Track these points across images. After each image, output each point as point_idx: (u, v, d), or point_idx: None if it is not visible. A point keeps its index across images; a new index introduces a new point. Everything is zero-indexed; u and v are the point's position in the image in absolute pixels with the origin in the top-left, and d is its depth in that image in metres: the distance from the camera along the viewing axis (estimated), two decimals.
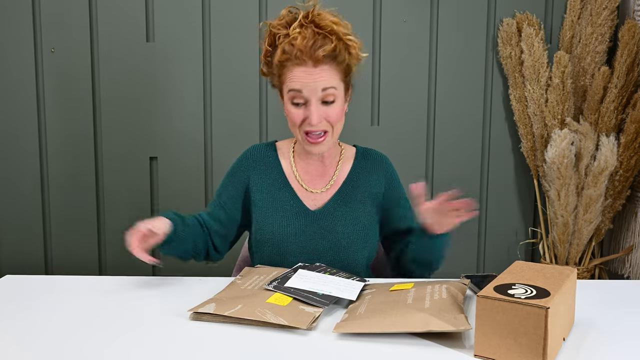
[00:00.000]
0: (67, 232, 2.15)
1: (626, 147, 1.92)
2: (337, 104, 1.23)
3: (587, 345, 0.88)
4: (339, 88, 1.22)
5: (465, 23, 2.11)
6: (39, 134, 2.10)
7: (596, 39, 1.98)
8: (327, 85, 1.20)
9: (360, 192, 1.33)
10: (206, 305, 0.98)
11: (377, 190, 1.34)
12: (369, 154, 1.38)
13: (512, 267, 0.94)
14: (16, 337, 0.90)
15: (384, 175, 1.35)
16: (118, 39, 2.06)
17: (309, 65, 1.19)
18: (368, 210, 1.32)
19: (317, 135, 1.23)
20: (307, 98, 1.20)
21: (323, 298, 1.01)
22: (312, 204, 1.32)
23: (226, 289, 1.08)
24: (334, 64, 1.20)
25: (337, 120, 1.24)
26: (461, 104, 2.15)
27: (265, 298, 1.00)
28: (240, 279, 1.12)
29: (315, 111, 1.20)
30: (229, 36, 2.08)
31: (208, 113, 2.12)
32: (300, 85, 1.20)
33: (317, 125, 1.21)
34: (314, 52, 1.17)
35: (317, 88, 1.19)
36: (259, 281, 1.10)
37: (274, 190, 1.32)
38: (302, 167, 1.35)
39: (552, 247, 2.07)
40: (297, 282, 1.07)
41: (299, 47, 1.17)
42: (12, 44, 2.06)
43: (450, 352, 0.85)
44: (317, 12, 1.20)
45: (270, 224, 1.30)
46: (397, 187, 1.37)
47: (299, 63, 1.19)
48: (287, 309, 0.95)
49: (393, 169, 1.39)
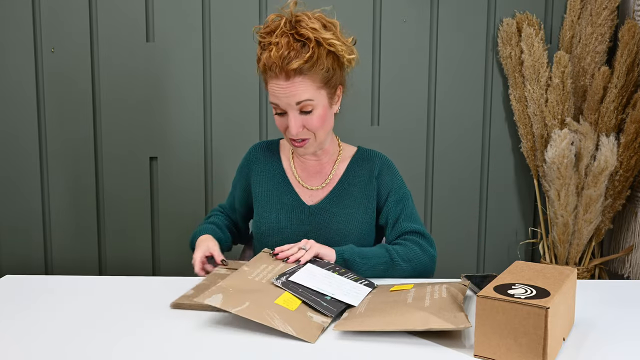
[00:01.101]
0: (67, 232, 2.15)
1: (626, 147, 1.92)
2: (317, 112, 1.22)
3: (587, 345, 0.88)
4: (316, 98, 1.21)
5: (465, 23, 2.11)
6: (39, 134, 2.10)
7: (596, 39, 1.98)
8: (301, 99, 1.19)
9: (355, 190, 1.34)
10: (213, 295, 0.96)
11: (370, 187, 1.34)
12: (367, 154, 1.39)
13: (512, 267, 0.95)
14: (16, 337, 0.90)
15: (378, 171, 1.35)
16: (118, 39, 2.06)
17: (281, 79, 1.19)
18: (363, 208, 1.33)
19: (298, 141, 1.25)
20: (284, 109, 1.22)
21: (330, 304, 1.00)
22: (309, 200, 1.35)
23: (234, 277, 1.05)
24: (308, 75, 1.19)
25: (318, 127, 1.23)
26: (461, 104, 2.15)
27: (273, 297, 0.98)
28: (247, 267, 1.10)
29: (293, 122, 1.21)
30: (229, 36, 2.08)
31: (208, 113, 2.12)
32: (275, 98, 1.21)
33: (296, 135, 1.23)
34: (286, 65, 1.17)
35: (291, 102, 1.20)
36: (267, 272, 1.09)
37: (273, 185, 1.36)
38: (300, 164, 1.38)
39: (552, 247, 2.07)
40: (304, 278, 1.07)
41: (273, 59, 1.17)
42: (12, 44, 2.06)
43: (450, 352, 0.85)
44: (297, 19, 1.19)
45: (267, 217, 1.34)
46: (387, 182, 1.35)
47: (273, 76, 1.20)
48: (295, 316, 0.94)
49: (387, 164, 1.37)
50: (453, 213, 2.19)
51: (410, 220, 1.33)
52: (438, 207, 2.19)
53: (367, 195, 1.34)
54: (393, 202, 1.34)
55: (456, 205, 2.19)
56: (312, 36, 1.18)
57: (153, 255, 2.17)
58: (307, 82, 1.19)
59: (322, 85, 1.22)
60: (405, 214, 1.33)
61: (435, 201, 2.19)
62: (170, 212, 2.14)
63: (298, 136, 1.24)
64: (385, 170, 1.36)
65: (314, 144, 1.27)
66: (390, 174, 1.36)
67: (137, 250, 2.16)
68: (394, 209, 1.33)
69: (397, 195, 1.34)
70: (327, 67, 1.21)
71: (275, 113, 1.25)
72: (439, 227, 2.20)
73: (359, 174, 1.35)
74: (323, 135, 1.27)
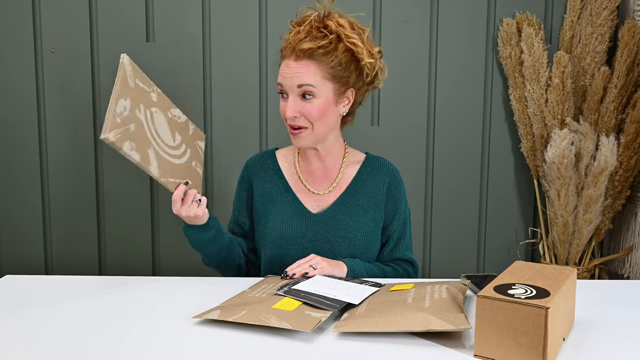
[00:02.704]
0: (67, 232, 2.15)
1: (626, 147, 1.92)
2: (317, 102, 1.21)
3: (587, 345, 0.88)
4: (319, 87, 1.20)
5: (465, 23, 2.11)
6: (39, 134, 2.10)
7: (596, 39, 1.98)
8: (303, 82, 1.20)
9: (363, 198, 1.32)
10: (211, 312, 0.97)
11: (379, 198, 1.33)
12: (378, 162, 1.38)
13: (512, 267, 0.95)
14: (16, 337, 0.90)
15: (387, 184, 1.35)
16: (118, 39, 2.06)
17: (291, 59, 1.21)
18: (371, 217, 1.32)
19: (294, 129, 1.24)
20: (286, 91, 1.22)
21: (332, 302, 1.00)
22: (315, 206, 1.32)
23: (234, 297, 1.06)
24: (318, 61, 1.20)
25: (316, 117, 1.22)
26: (461, 104, 2.15)
27: (271, 304, 0.98)
28: (250, 289, 1.11)
29: (291, 105, 1.21)
30: (229, 36, 2.08)
31: (208, 113, 2.12)
32: (281, 78, 1.22)
33: (293, 120, 1.22)
34: (298, 45, 1.19)
35: (293, 84, 1.20)
36: (269, 289, 1.09)
37: (275, 195, 1.34)
38: (305, 167, 1.36)
39: (552, 247, 2.07)
40: (307, 285, 1.07)
41: (289, 40, 1.21)
42: (12, 44, 2.06)
43: (450, 352, 0.85)
44: (328, 13, 1.22)
45: (271, 228, 1.31)
46: (396, 199, 1.36)
47: (284, 55, 1.22)
48: (292, 314, 0.94)
49: (399, 182, 1.37)
50: (453, 213, 2.19)
51: (407, 248, 1.38)
52: (438, 207, 2.19)
53: (376, 206, 1.33)
54: (399, 223, 1.36)
55: (456, 205, 2.19)
56: (335, 29, 1.20)
57: (153, 255, 2.17)
58: (314, 68, 1.20)
59: (330, 78, 1.21)
60: (405, 240, 1.37)
61: (435, 201, 2.19)
62: (170, 212, 2.14)
63: (294, 122, 1.22)
64: (395, 186, 1.36)
65: (310, 136, 1.25)
66: (399, 191, 1.37)
67: (137, 250, 2.16)
68: (397, 231, 1.36)
69: (403, 216, 1.37)
70: (340, 61, 1.21)
71: (280, 94, 1.25)
72: (439, 227, 2.20)
73: (368, 182, 1.34)
74: (321, 130, 1.25)
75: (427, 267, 2.22)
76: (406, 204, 1.38)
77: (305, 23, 1.21)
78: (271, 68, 2.08)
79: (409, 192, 2.16)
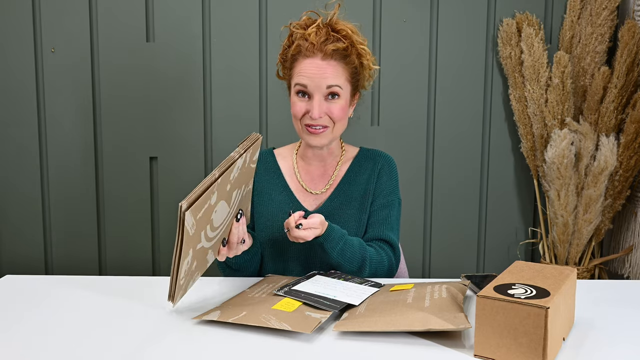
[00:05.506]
0: (67, 232, 2.15)
1: (626, 147, 1.92)
2: (341, 101, 1.25)
3: (587, 345, 0.88)
4: (344, 87, 1.25)
5: (465, 23, 2.11)
6: (38, 134, 2.10)
7: (596, 39, 1.98)
8: (332, 83, 1.23)
9: (355, 190, 1.34)
10: (211, 312, 0.98)
11: (370, 186, 1.34)
12: (370, 153, 1.39)
13: (512, 267, 0.95)
14: (16, 337, 0.90)
15: (379, 169, 1.36)
16: (118, 38, 2.06)
17: (318, 57, 1.22)
18: (362, 208, 1.33)
19: (316, 128, 1.26)
20: (312, 92, 1.23)
21: (332, 302, 1.00)
22: (312, 204, 1.34)
23: (234, 298, 1.07)
24: (342, 63, 1.24)
25: (339, 117, 1.26)
26: (461, 104, 2.15)
27: (271, 304, 0.98)
28: (250, 289, 1.11)
29: (318, 105, 1.23)
30: (229, 36, 2.08)
31: (208, 113, 2.12)
32: (307, 78, 1.23)
33: (317, 120, 1.24)
34: (325, 46, 1.21)
35: (322, 83, 1.23)
36: (269, 289, 1.10)
37: (273, 193, 1.35)
38: (303, 167, 1.38)
39: (552, 247, 2.07)
40: (307, 286, 1.07)
41: (312, 40, 1.22)
42: (12, 44, 2.06)
43: (450, 352, 0.85)
44: (334, 19, 1.25)
45: (269, 226, 1.33)
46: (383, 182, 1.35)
47: (308, 55, 1.23)
48: (292, 315, 0.94)
49: (392, 168, 1.38)
50: (453, 213, 2.19)
51: (391, 230, 1.33)
52: (438, 207, 2.19)
53: (366, 194, 1.34)
54: (380, 205, 1.34)
55: (456, 205, 2.19)
56: (350, 35, 1.24)
57: (153, 255, 2.17)
58: (341, 69, 1.24)
59: (350, 80, 1.27)
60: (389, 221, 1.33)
61: (435, 201, 2.19)
62: (170, 212, 2.14)
63: (317, 122, 1.24)
64: (386, 170, 1.36)
65: (329, 136, 1.27)
66: (388, 175, 1.36)
67: (137, 250, 2.16)
68: (378, 213, 1.34)
69: (391, 198, 1.35)
70: (355, 65, 1.26)
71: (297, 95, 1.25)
72: (439, 227, 2.20)
73: (359, 174, 1.35)
74: (339, 130, 1.29)
75: (427, 266, 2.22)
76: (398, 192, 1.37)
77: (312, 26, 1.23)
78: (271, 68, 2.09)
79: (409, 191, 2.17)
